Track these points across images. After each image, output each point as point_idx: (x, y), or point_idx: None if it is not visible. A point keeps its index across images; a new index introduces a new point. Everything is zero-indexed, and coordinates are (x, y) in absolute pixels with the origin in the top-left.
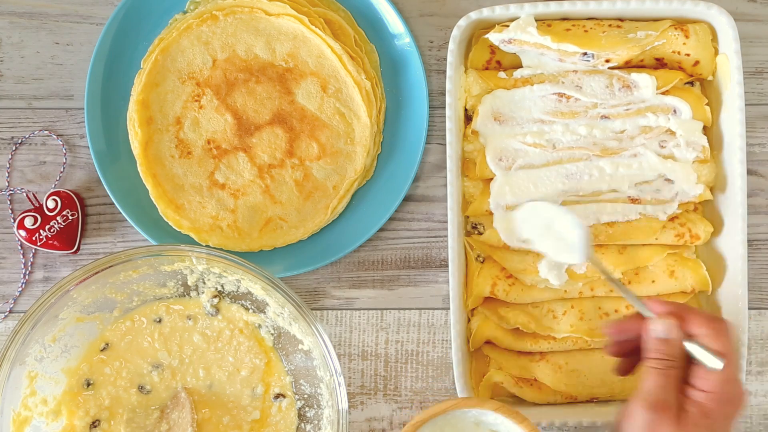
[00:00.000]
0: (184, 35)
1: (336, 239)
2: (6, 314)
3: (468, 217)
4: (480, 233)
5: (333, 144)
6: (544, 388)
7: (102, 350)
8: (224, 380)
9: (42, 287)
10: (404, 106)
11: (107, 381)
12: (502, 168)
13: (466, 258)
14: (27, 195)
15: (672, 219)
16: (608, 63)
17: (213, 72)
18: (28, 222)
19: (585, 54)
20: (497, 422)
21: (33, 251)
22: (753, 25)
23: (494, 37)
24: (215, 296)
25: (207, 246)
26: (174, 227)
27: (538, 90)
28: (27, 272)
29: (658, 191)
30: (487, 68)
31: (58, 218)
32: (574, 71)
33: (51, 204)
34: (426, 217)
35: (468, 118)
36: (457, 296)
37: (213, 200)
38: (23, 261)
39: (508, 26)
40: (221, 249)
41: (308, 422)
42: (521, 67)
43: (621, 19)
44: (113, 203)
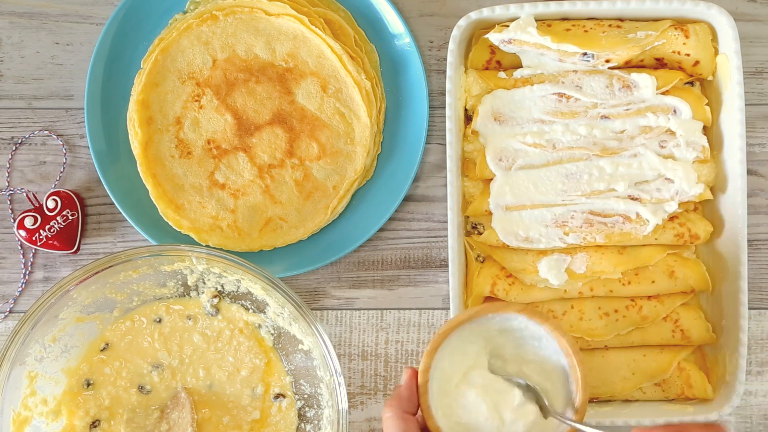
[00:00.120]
0: (184, 35)
1: (336, 239)
2: (6, 314)
3: (468, 217)
4: (480, 233)
5: (333, 144)
6: None
7: (102, 350)
8: (224, 380)
9: (42, 287)
10: (404, 106)
11: (107, 381)
12: (502, 168)
13: (466, 258)
14: (27, 195)
15: (672, 219)
16: (608, 63)
17: (213, 72)
18: (28, 222)
19: (585, 54)
20: (521, 326)
21: (33, 251)
22: (753, 25)
23: (494, 37)
24: (215, 296)
25: (207, 246)
26: (174, 227)
27: (538, 90)
28: (27, 272)
29: (659, 190)
30: (487, 68)
31: (58, 218)
32: (574, 71)
33: (51, 204)
34: (426, 217)
35: (468, 118)
36: (457, 296)
37: (213, 200)
38: (23, 261)
39: (508, 26)
40: (221, 249)
41: (308, 422)
42: (521, 67)
43: (621, 19)
44: (113, 203)
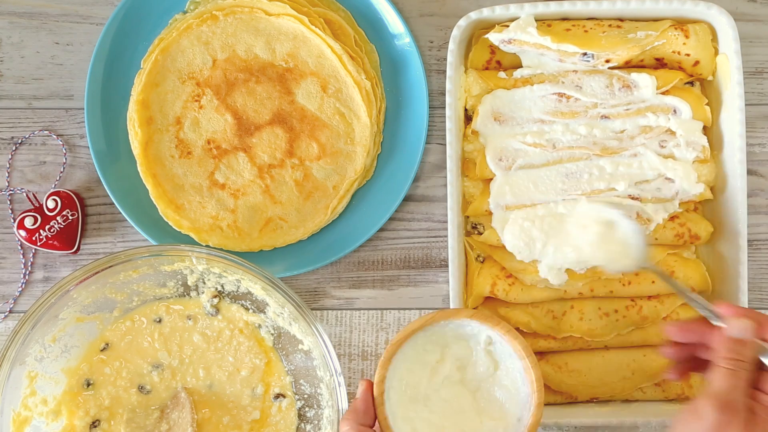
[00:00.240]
0: (184, 35)
1: (336, 239)
2: (6, 314)
3: (468, 217)
4: (480, 233)
5: (333, 144)
6: (545, 388)
7: (102, 350)
8: (224, 380)
9: (42, 287)
10: (404, 106)
11: (107, 381)
12: (502, 168)
13: (466, 258)
14: (27, 195)
15: (672, 219)
16: (608, 63)
17: (213, 72)
18: (28, 222)
19: (585, 54)
20: (475, 331)
21: (33, 251)
22: (753, 25)
23: (494, 37)
24: (215, 296)
25: (207, 246)
26: (174, 227)
27: (538, 90)
28: (27, 272)
29: (659, 190)
30: (487, 68)
31: (58, 218)
32: (574, 71)
33: (51, 204)
34: (426, 217)
35: (468, 118)
36: (457, 296)
37: (213, 200)
38: (23, 261)
39: (508, 26)
40: (221, 249)
41: (308, 422)
42: (521, 67)
43: (621, 19)
44: (113, 203)
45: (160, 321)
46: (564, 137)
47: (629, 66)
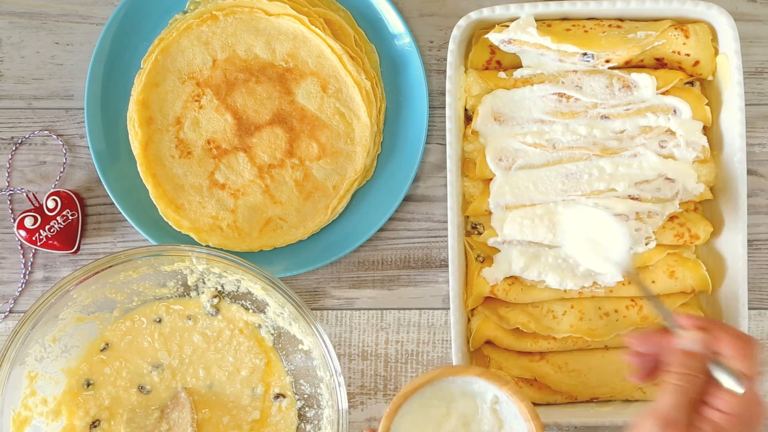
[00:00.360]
0: (184, 35)
1: (336, 239)
2: (6, 314)
3: (468, 217)
4: (480, 233)
5: (333, 144)
6: (545, 389)
7: (102, 350)
8: (224, 380)
9: (42, 287)
10: (404, 106)
11: (107, 381)
12: (502, 168)
13: (466, 258)
14: (27, 195)
15: (672, 219)
16: (608, 63)
17: (213, 72)
18: (28, 222)
19: (585, 54)
20: (483, 389)
21: (33, 251)
22: (753, 25)
23: (494, 37)
24: (215, 296)
25: (207, 246)
26: (174, 227)
27: (538, 90)
28: (27, 272)
29: (659, 190)
30: (487, 68)
31: (58, 218)
32: (574, 71)
33: (51, 204)
34: (426, 217)
35: (468, 118)
36: (457, 296)
37: (213, 200)
38: (23, 261)
39: (508, 26)
40: (221, 249)
41: (308, 422)
42: (521, 67)
43: (621, 19)
44: (113, 203)
45: (160, 321)
46: (564, 137)
47: (629, 66)
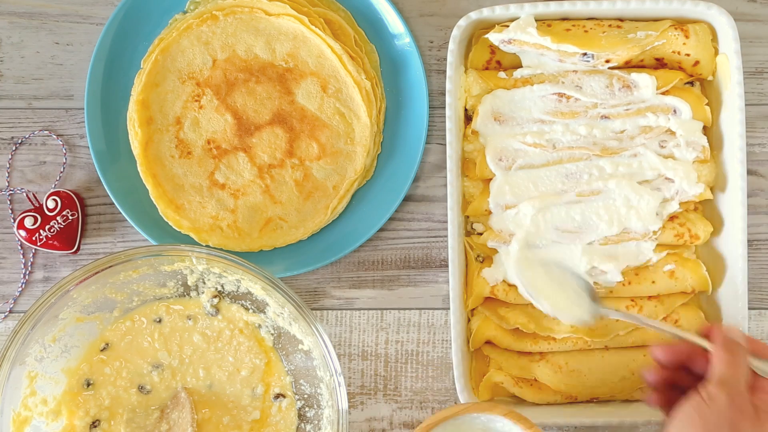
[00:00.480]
0: (184, 35)
1: (336, 239)
2: (6, 314)
3: (468, 217)
4: (480, 233)
5: (333, 144)
6: (545, 389)
7: (102, 350)
8: (224, 380)
9: (42, 287)
10: (404, 106)
11: (107, 381)
12: (502, 168)
13: (466, 258)
14: (27, 195)
15: (672, 219)
16: (608, 63)
17: (213, 72)
18: (28, 222)
19: (585, 54)
20: (506, 429)
21: (33, 251)
22: (753, 25)
23: (494, 37)
24: (215, 296)
25: (207, 246)
26: (174, 227)
27: (538, 90)
28: (27, 272)
29: (659, 190)
30: (487, 68)
31: (58, 218)
32: (574, 71)
33: (51, 204)
34: (426, 217)
35: (468, 118)
36: (457, 296)
37: (213, 200)
38: (23, 261)
39: (508, 26)
40: (221, 249)
41: (308, 422)
42: (521, 67)
43: (621, 19)
44: (113, 203)
45: (160, 321)
46: (564, 137)
47: (629, 66)
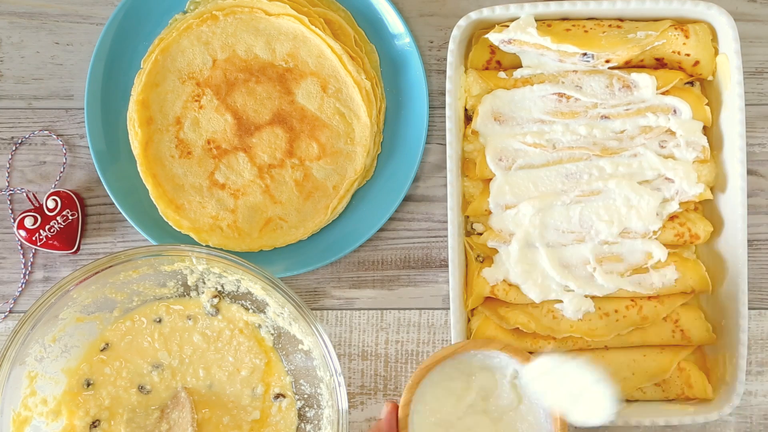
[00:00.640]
0: (184, 35)
1: (336, 239)
2: (6, 314)
3: (468, 217)
4: (480, 233)
5: (333, 144)
6: None
7: (102, 350)
8: (224, 380)
9: (42, 287)
10: (404, 106)
11: (107, 381)
12: (502, 168)
13: (466, 258)
14: (27, 195)
15: (672, 219)
16: (608, 63)
17: (213, 72)
18: (28, 222)
19: (585, 54)
20: (503, 364)
21: (33, 251)
22: (753, 25)
23: (494, 38)
24: (215, 296)
25: (207, 246)
26: (174, 227)
27: (538, 90)
28: (27, 272)
29: (659, 190)
30: (487, 68)
31: (58, 218)
32: (574, 71)
33: (51, 204)
34: (426, 217)
35: (468, 118)
36: (457, 296)
37: (213, 200)
38: (23, 261)
39: (508, 26)
40: (221, 249)
41: (308, 422)
42: (521, 67)
43: (621, 20)
44: (113, 203)
45: (160, 321)
46: (564, 137)
47: (629, 66)
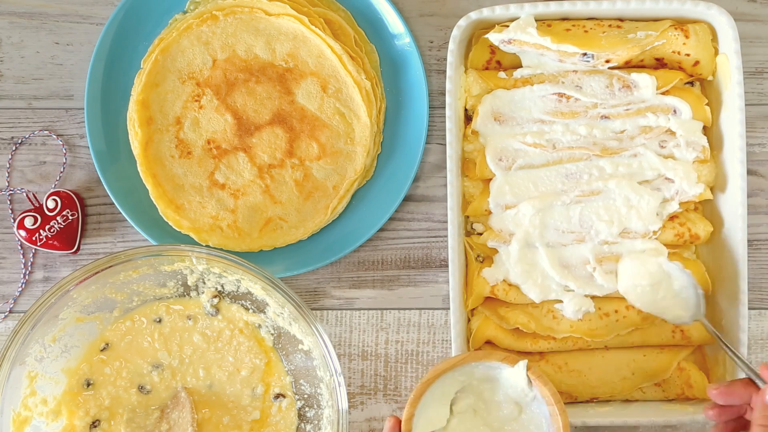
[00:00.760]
0: (184, 35)
1: (336, 239)
2: (6, 314)
3: (468, 217)
4: (480, 233)
5: (333, 144)
6: None
7: (102, 350)
8: (224, 380)
9: (42, 287)
10: (404, 106)
11: (107, 381)
12: (502, 168)
13: (466, 258)
14: (27, 195)
15: (672, 219)
16: (608, 63)
17: (213, 72)
18: (28, 222)
19: (585, 54)
20: (505, 375)
21: (33, 251)
22: (753, 25)
23: (494, 37)
24: (215, 296)
25: (207, 246)
26: (174, 227)
27: (538, 90)
28: (27, 272)
29: (659, 190)
30: (487, 68)
31: (58, 218)
32: (574, 71)
33: (51, 204)
34: (426, 217)
35: (468, 118)
36: (457, 296)
37: (213, 200)
38: (23, 261)
39: (508, 26)
40: (221, 249)
41: (308, 422)
42: (521, 67)
43: (621, 20)
44: (113, 203)
45: (160, 321)
46: (564, 137)
47: (629, 66)
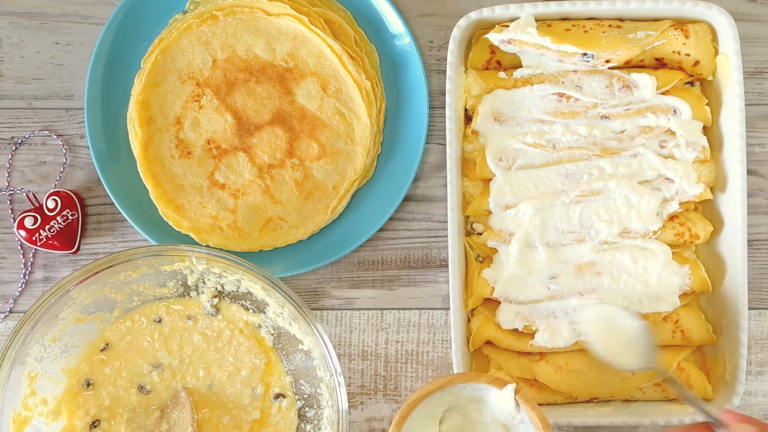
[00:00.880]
0: (184, 35)
1: (336, 239)
2: (6, 314)
3: (468, 217)
4: (480, 233)
5: (333, 144)
6: (545, 389)
7: (102, 350)
8: (224, 380)
9: (42, 287)
10: (404, 106)
11: (107, 381)
12: (502, 168)
13: (466, 258)
14: (27, 195)
15: (672, 218)
16: (608, 63)
17: (213, 72)
18: (28, 222)
19: (585, 54)
20: (492, 397)
21: (33, 251)
22: (753, 25)
23: (494, 38)
24: (215, 296)
25: (207, 246)
26: (174, 227)
27: (538, 90)
28: (27, 272)
29: (659, 190)
30: (487, 68)
31: (58, 218)
32: (574, 71)
33: (51, 204)
34: (426, 217)
35: (468, 118)
36: (458, 296)
37: (213, 200)
38: (23, 261)
39: (508, 26)
40: (221, 249)
41: (308, 422)
42: (521, 67)
43: (621, 19)
44: (113, 203)
45: (160, 321)
46: (564, 137)
47: (629, 66)
